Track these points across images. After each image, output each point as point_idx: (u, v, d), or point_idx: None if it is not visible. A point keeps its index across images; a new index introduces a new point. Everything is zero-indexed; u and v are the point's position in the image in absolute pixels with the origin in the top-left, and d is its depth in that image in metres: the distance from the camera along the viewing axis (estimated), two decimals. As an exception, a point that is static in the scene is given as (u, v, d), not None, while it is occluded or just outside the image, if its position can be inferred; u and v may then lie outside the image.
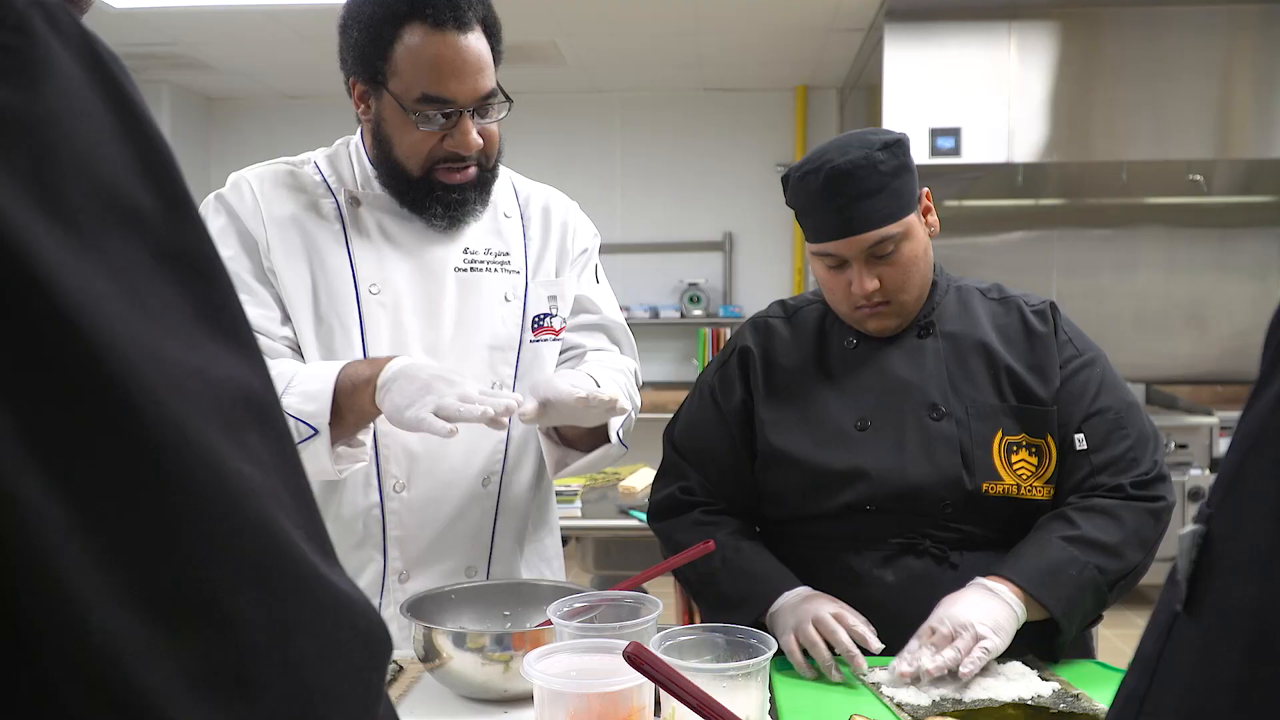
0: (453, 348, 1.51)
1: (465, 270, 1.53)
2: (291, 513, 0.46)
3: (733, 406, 1.57)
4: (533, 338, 1.57)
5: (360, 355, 1.47)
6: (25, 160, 0.40)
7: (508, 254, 1.57)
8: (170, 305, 0.43)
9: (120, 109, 0.44)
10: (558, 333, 1.60)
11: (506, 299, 1.55)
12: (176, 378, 0.42)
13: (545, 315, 1.58)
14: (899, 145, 1.45)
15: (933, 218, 1.52)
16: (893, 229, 1.44)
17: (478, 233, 1.55)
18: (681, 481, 1.59)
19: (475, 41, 1.42)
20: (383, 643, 0.49)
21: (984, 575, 1.39)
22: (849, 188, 1.42)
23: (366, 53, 1.42)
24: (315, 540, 0.47)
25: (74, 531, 0.39)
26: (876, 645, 1.33)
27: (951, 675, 1.29)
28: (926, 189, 1.52)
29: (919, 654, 1.31)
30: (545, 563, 1.67)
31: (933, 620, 1.34)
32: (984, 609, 1.33)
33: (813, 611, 1.36)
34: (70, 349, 0.39)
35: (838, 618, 1.35)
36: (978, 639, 1.29)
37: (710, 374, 1.63)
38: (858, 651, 1.33)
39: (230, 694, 0.41)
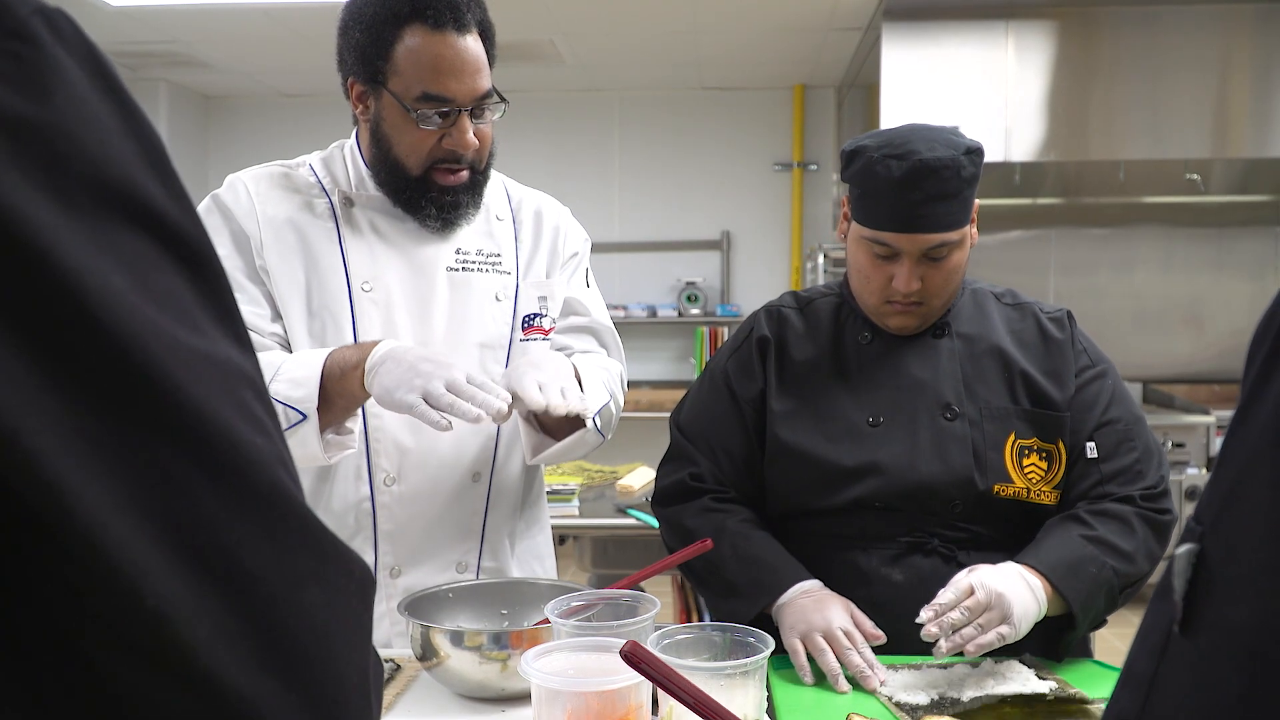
0: (444, 345, 1.53)
1: (457, 270, 1.55)
2: (293, 476, 0.50)
3: (750, 395, 1.56)
4: (523, 337, 1.58)
5: None
6: (42, 167, 0.42)
7: (499, 255, 1.59)
8: (176, 293, 0.46)
9: (122, 110, 0.47)
10: (547, 332, 1.62)
11: (497, 299, 1.57)
12: (190, 362, 0.45)
13: (535, 315, 1.60)
14: (979, 154, 1.44)
15: (975, 229, 1.50)
16: (954, 235, 1.44)
17: (470, 234, 1.57)
18: (691, 467, 1.57)
19: (473, 43, 1.45)
20: (371, 585, 0.55)
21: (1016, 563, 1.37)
22: (930, 185, 1.40)
23: (367, 52, 1.44)
24: (303, 499, 0.52)
25: (118, 511, 0.43)
26: (881, 676, 1.31)
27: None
28: (978, 201, 1.50)
29: (950, 614, 1.28)
30: (537, 560, 1.68)
31: (973, 579, 1.31)
32: (1019, 596, 1.31)
33: (824, 623, 1.34)
34: (101, 346, 0.43)
35: (850, 636, 1.33)
36: (1004, 620, 1.28)
37: (723, 360, 1.61)
38: (871, 673, 1.31)
39: (256, 642, 0.46)
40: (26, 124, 0.42)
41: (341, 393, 1.36)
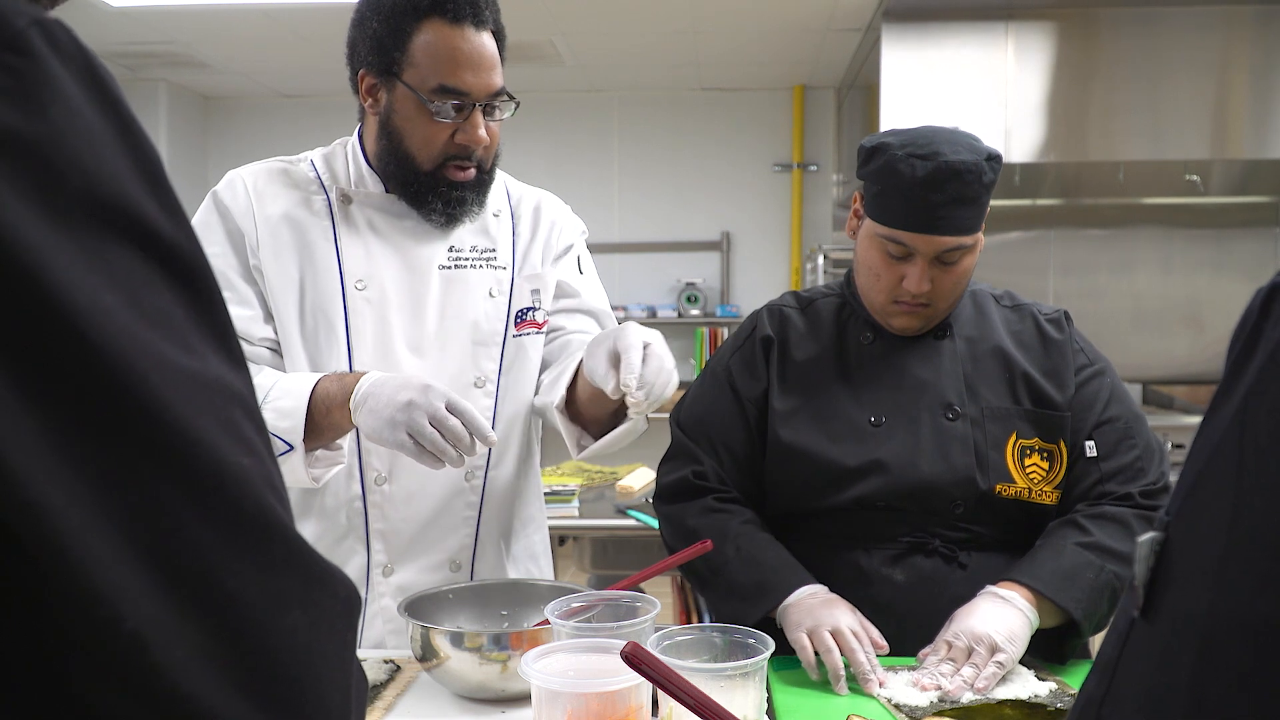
0: (436, 343, 1.52)
1: (450, 267, 1.54)
2: (280, 497, 0.50)
3: (754, 394, 1.55)
4: (515, 332, 1.57)
5: (345, 351, 1.48)
6: (33, 182, 0.42)
7: (494, 250, 1.58)
8: (167, 311, 0.46)
9: (118, 123, 0.46)
10: (540, 326, 1.60)
11: (491, 294, 1.56)
12: (178, 382, 0.45)
13: (528, 309, 1.59)
14: (999, 161, 1.45)
15: (981, 234, 1.50)
16: (968, 240, 1.45)
17: (465, 231, 1.56)
18: (694, 465, 1.55)
19: (488, 40, 1.46)
20: (357, 605, 0.55)
21: (996, 582, 1.38)
22: (953, 187, 1.40)
23: (384, 43, 1.44)
24: (290, 521, 0.51)
25: (100, 532, 0.42)
26: (881, 678, 1.31)
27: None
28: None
29: (939, 669, 1.30)
30: (532, 560, 1.67)
31: (948, 635, 1.33)
32: (999, 620, 1.32)
33: (832, 620, 1.33)
34: (87, 365, 0.42)
35: (858, 636, 1.32)
36: (993, 651, 1.29)
37: (725, 358, 1.61)
38: (874, 675, 1.30)
39: (235, 665, 0.46)
40: (20, 138, 0.42)
41: (329, 425, 1.37)
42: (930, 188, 1.40)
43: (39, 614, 0.43)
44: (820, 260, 5.13)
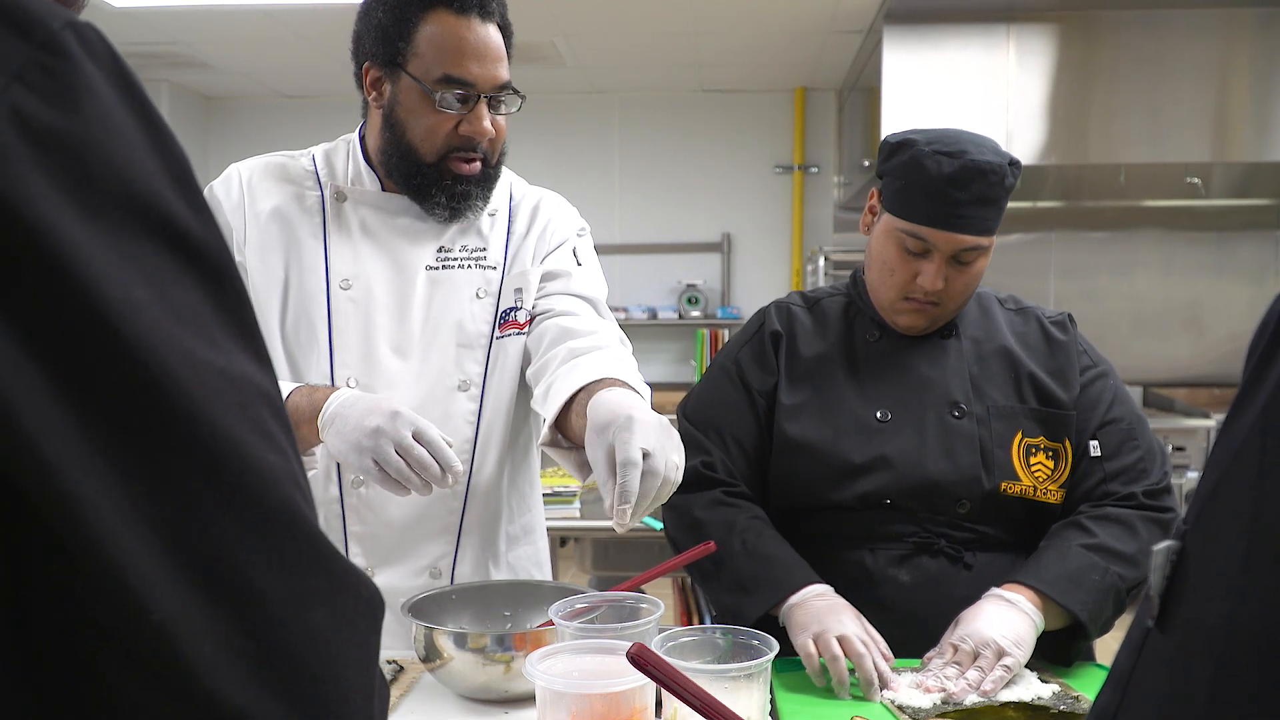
0: (420, 345, 1.50)
1: (437, 268, 1.52)
2: (305, 496, 0.51)
3: (765, 388, 1.55)
4: (499, 334, 1.54)
5: (326, 351, 1.47)
6: (69, 178, 0.43)
7: (485, 250, 1.55)
8: (196, 308, 0.47)
9: (147, 124, 0.47)
10: (522, 326, 1.55)
11: (479, 295, 1.53)
12: (206, 378, 0.46)
13: (511, 309, 1.55)
14: (1018, 167, 1.46)
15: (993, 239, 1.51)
16: (985, 241, 1.46)
17: (457, 230, 1.54)
18: (704, 456, 1.54)
19: (494, 33, 1.45)
20: (380, 608, 0.55)
21: (1001, 584, 1.38)
22: (977, 187, 1.41)
23: (389, 33, 1.43)
24: (315, 519, 0.52)
25: (130, 524, 0.43)
26: (892, 680, 1.30)
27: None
28: None
29: (944, 672, 1.30)
30: (523, 573, 1.63)
31: (954, 638, 1.33)
32: (1005, 624, 1.32)
33: (839, 627, 1.32)
34: (118, 358, 0.43)
35: (866, 645, 1.30)
36: (1000, 655, 1.29)
37: (733, 352, 1.60)
38: (877, 684, 1.29)
39: (259, 661, 0.46)
40: (55, 135, 0.43)
41: (298, 438, 1.33)
42: (955, 185, 1.41)
43: (69, 603, 0.43)
44: (821, 262, 5.13)
